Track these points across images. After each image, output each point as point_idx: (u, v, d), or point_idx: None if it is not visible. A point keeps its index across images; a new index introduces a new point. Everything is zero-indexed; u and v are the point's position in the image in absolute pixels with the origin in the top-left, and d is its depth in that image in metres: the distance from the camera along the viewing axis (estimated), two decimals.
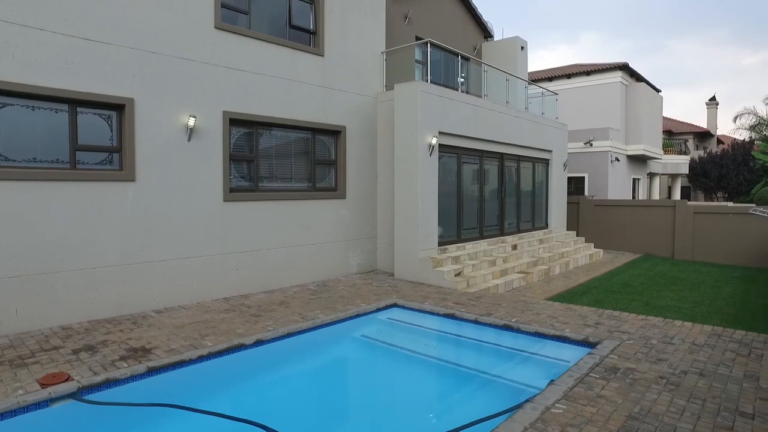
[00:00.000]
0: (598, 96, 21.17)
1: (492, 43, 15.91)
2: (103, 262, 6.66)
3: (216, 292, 7.89)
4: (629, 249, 14.75)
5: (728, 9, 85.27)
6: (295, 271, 9.05)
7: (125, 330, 6.14)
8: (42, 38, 6.06)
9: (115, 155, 6.90)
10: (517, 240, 11.87)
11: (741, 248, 12.82)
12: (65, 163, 6.46)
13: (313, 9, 9.57)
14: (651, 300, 8.65)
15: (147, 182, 7.05)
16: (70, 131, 6.49)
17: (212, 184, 7.85)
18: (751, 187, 25.82)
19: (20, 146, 6.11)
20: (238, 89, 8.15)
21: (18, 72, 5.90)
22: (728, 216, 13.19)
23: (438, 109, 9.72)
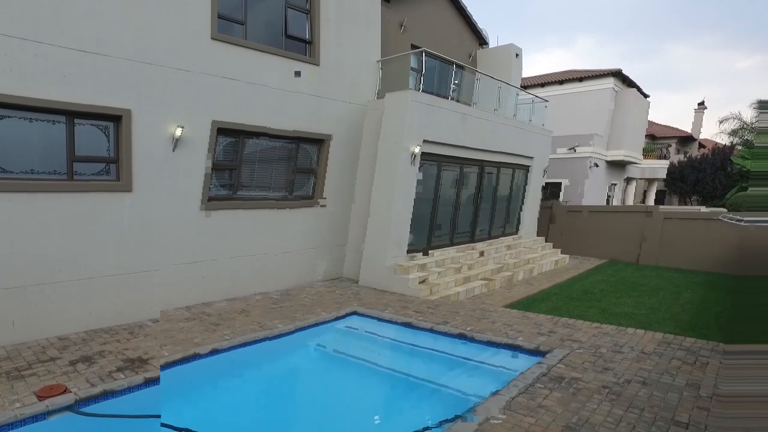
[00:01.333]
0: (589, 102, 20.93)
1: (487, 50, 15.86)
2: (100, 272, 6.73)
3: (177, 301, 7.88)
4: (596, 255, 14.87)
5: (722, 13, 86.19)
6: (261, 280, 9.07)
7: (122, 340, 6.23)
8: (40, 50, 6.03)
9: (112, 166, 6.92)
10: (486, 246, 11.99)
11: (707, 254, 12.90)
12: (62, 174, 6.48)
13: (308, 19, 9.48)
14: (608, 307, 8.82)
15: (144, 192, 7.10)
16: (68, 142, 6.51)
17: (192, 194, 7.84)
18: (726, 192, 26.20)
19: (18, 158, 6.14)
20: (232, 99, 8.10)
21: (16, 84, 5.88)
22: (697, 221, 13.33)
23: (426, 118, 9.63)
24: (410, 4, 12.74)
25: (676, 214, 14.09)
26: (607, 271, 12.61)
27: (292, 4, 9.25)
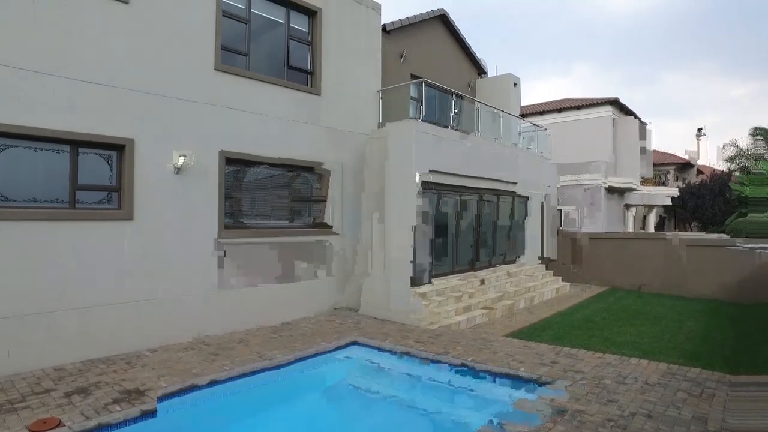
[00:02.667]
0: (589, 129, 21.20)
1: (486, 79, 16.20)
2: (98, 301, 6.68)
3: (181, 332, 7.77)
4: (597, 282, 14.74)
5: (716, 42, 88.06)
6: (264, 310, 8.86)
7: (119, 370, 6.11)
8: (47, 82, 6.20)
9: (114, 194, 6.98)
10: (487, 274, 11.92)
11: (709, 281, 12.79)
12: (65, 202, 6.53)
13: (310, 50, 9.75)
14: (611, 336, 8.70)
15: (145, 221, 7.11)
16: (71, 171, 6.60)
17: (207, 222, 7.87)
18: (725, 218, 26.20)
19: (21, 186, 6.21)
20: (236, 129, 8.24)
21: (23, 115, 6.02)
22: (703, 249, 13.14)
23: (428, 147, 9.71)
24: (410, 35, 13.07)
25: (686, 241, 13.88)
26: (608, 299, 12.49)
27: (294, 36, 9.52)
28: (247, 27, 8.74)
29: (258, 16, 8.97)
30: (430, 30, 13.98)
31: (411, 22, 12.99)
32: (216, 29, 8.02)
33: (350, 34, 10.40)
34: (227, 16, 8.35)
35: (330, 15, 9.96)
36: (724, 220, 25.99)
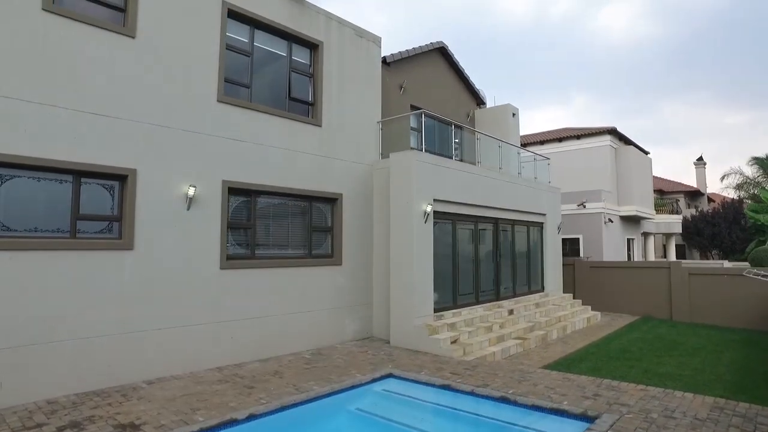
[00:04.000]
0: (589, 158, 21.63)
1: (485, 110, 16.48)
2: (97, 331, 6.57)
3: (209, 362, 7.72)
4: (627, 311, 14.55)
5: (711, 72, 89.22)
6: (290, 339, 8.90)
7: (114, 403, 5.95)
8: (53, 113, 6.34)
9: (115, 224, 6.99)
10: (514, 304, 11.74)
11: (739, 310, 12.65)
12: (65, 232, 6.54)
13: (311, 82, 10.03)
14: (650, 367, 8.43)
15: (145, 250, 7.09)
16: (73, 201, 6.63)
17: (209, 252, 7.89)
18: (745, 246, 25.84)
19: (22, 216, 6.23)
20: (238, 159, 8.38)
21: (28, 146, 6.12)
22: (723, 277, 13.12)
23: (432, 177, 9.93)
24: (409, 67, 13.43)
25: (700, 270, 13.81)
26: (641, 328, 12.21)
27: (296, 68, 9.82)
28: (250, 59, 9.04)
29: (260, 49, 9.29)
30: (430, 62, 14.45)
31: (411, 54, 13.49)
32: (219, 62, 8.29)
33: (351, 66, 10.73)
34: (231, 49, 8.65)
35: (331, 48, 10.29)
36: (744, 248, 25.63)
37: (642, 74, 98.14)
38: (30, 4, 6.23)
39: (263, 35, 9.27)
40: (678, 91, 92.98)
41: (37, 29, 6.27)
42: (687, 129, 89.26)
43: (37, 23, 6.27)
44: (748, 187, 28.50)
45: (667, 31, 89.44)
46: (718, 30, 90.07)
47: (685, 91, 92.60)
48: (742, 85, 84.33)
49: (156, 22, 7.46)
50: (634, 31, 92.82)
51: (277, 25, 9.24)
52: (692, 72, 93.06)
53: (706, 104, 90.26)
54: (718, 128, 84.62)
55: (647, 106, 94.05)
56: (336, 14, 10.49)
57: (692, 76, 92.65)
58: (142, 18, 7.29)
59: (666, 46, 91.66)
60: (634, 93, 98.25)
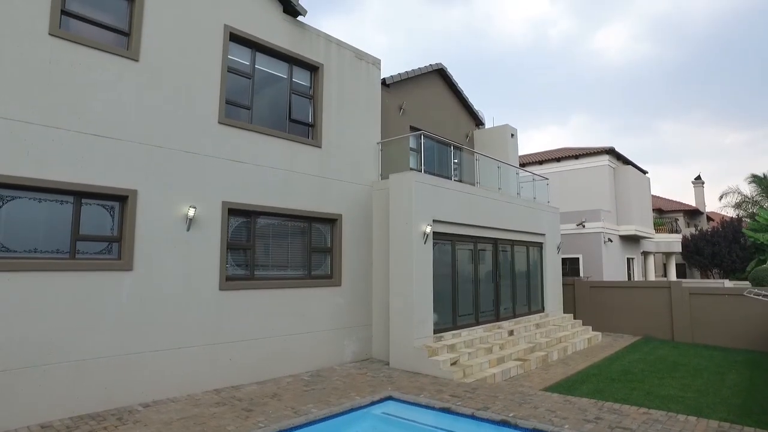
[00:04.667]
0: (588, 178, 21.72)
1: (483, 130, 16.60)
2: (93, 353, 6.51)
3: (207, 384, 7.63)
4: (628, 331, 14.41)
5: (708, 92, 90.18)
6: (289, 361, 8.81)
7: (109, 427, 5.85)
8: (56, 136, 6.40)
9: (115, 244, 6.99)
10: (514, 325, 11.65)
11: (742, 330, 12.53)
12: (65, 253, 6.54)
13: (312, 103, 10.13)
14: (653, 389, 8.30)
15: (144, 271, 7.08)
16: (73, 222, 6.65)
17: (209, 273, 7.86)
18: (745, 265, 25.77)
19: (22, 237, 6.24)
20: (238, 180, 8.43)
21: (31, 167, 6.16)
22: (725, 297, 13.03)
23: (432, 198, 9.96)
24: (409, 88, 13.60)
25: (701, 290, 13.73)
26: (643, 349, 12.08)
27: (296, 90, 9.94)
28: (251, 82, 9.15)
29: (261, 71, 9.42)
30: (429, 83, 14.62)
31: (410, 75, 13.65)
32: (221, 84, 8.40)
33: (351, 88, 10.86)
34: (232, 71, 8.77)
35: (331, 70, 10.42)
36: (745, 267, 25.54)
37: (639, 94, 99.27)
38: (37, 29, 6.35)
39: (264, 58, 9.41)
40: (675, 111, 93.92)
41: (43, 53, 6.38)
42: (685, 148, 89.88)
43: (44, 47, 6.39)
44: (747, 205, 28.57)
45: (664, 51, 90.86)
46: (713, 50, 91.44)
47: (682, 110, 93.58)
48: (739, 105, 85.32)
49: (159, 46, 7.58)
50: (631, 52, 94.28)
51: (278, 48, 9.38)
52: (689, 92, 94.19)
53: (703, 123, 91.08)
54: (716, 147, 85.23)
55: (645, 125, 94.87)
56: (336, 37, 10.66)
57: (689, 96, 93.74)
58: (145, 42, 7.41)
59: (662, 66, 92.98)
60: (632, 112, 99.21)
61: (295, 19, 9.75)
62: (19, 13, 6.22)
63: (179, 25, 7.88)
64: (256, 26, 9.03)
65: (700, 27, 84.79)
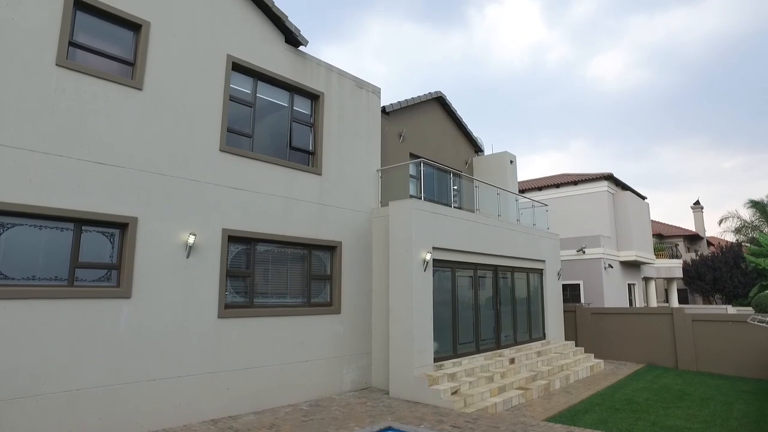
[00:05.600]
0: (587, 204, 21.75)
1: (483, 157, 16.71)
2: (88, 383, 6.38)
3: (204, 414, 7.46)
4: (631, 358, 14.18)
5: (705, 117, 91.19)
6: (287, 390, 8.65)
7: None
8: (59, 163, 6.44)
9: (114, 272, 6.95)
10: (515, 353, 11.47)
11: (748, 358, 12.28)
12: (63, 280, 6.49)
13: (312, 131, 10.23)
14: (658, 419, 8.10)
15: (142, 299, 7.02)
16: (73, 249, 6.62)
17: (208, 301, 7.79)
18: (747, 290, 25.57)
19: (21, 264, 6.20)
20: (239, 207, 8.43)
21: (33, 195, 6.18)
22: (728, 324, 12.85)
23: (432, 226, 9.95)
24: (408, 116, 13.77)
25: (704, 317, 13.59)
26: (646, 377, 11.85)
27: (297, 118, 10.06)
28: (252, 110, 9.25)
29: (263, 100, 9.57)
30: (428, 111, 14.81)
31: (409, 103, 13.83)
32: (223, 112, 8.50)
33: (351, 116, 11.00)
34: (234, 100, 8.90)
35: (332, 99, 10.58)
36: (747, 293, 25.33)
37: (638, 119, 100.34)
38: (45, 60, 6.47)
39: (266, 86, 9.55)
40: (673, 136, 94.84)
41: (49, 82, 6.48)
42: (683, 173, 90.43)
43: (51, 77, 6.49)
44: (747, 230, 28.55)
45: (660, 78, 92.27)
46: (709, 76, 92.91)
47: (680, 135, 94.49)
48: (735, 130, 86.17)
49: (163, 75, 7.71)
50: (628, 78, 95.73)
51: (280, 77, 9.53)
52: (687, 117, 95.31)
53: (701, 148, 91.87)
54: (714, 172, 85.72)
55: (644, 150, 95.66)
56: (337, 66, 10.83)
57: (687, 121, 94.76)
58: (149, 71, 7.54)
59: (660, 92, 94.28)
60: (631, 137, 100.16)
61: (297, 49, 9.94)
62: (28, 44, 6.35)
63: (183, 54, 8.03)
64: (259, 56, 9.20)
65: (695, 53, 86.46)
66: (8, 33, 6.21)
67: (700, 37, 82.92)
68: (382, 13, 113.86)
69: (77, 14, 6.98)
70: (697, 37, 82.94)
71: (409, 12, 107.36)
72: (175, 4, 8.01)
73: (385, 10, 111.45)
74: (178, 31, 7.99)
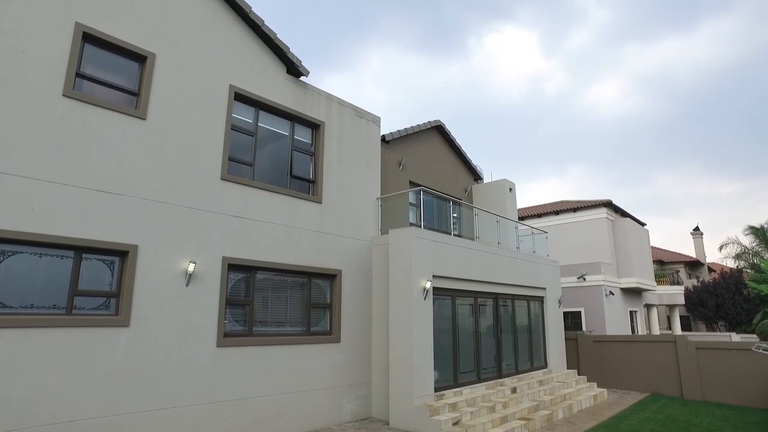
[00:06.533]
0: (587, 231, 21.77)
1: (482, 185, 16.80)
2: (84, 414, 6.26)
3: None
4: (634, 387, 13.92)
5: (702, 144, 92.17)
6: (286, 420, 8.47)
7: None
8: (61, 191, 6.48)
9: (113, 300, 6.91)
10: (517, 382, 11.29)
11: (755, 388, 12.02)
12: (62, 308, 6.44)
13: (313, 160, 10.33)
14: None
15: (141, 327, 6.95)
16: (72, 277, 6.60)
17: (206, 329, 7.72)
18: (751, 317, 25.33)
19: (20, 292, 6.16)
20: (239, 235, 8.44)
21: (34, 223, 6.20)
22: (732, 352, 12.67)
23: (432, 254, 9.93)
24: (408, 144, 13.95)
25: (708, 344, 13.44)
26: (651, 407, 11.61)
27: (298, 147, 10.18)
28: (254, 139, 9.38)
29: (264, 129, 9.69)
30: (428, 139, 14.98)
31: (409, 132, 13.99)
32: (225, 141, 8.61)
33: (351, 144, 11.13)
34: (236, 129, 9.03)
35: (332, 128, 10.72)
36: (751, 320, 25.10)
37: (635, 146, 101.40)
38: (52, 91, 6.59)
39: (267, 116, 9.69)
40: (670, 162, 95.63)
41: (55, 113, 6.59)
42: (682, 199, 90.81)
43: (57, 107, 6.61)
44: (747, 256, 28.48)
45: (656, 105, 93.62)
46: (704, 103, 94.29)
47: (678, 161, 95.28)
48: (731, 156, 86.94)
49: (167, 105, 7.84)
50: (624, 106, 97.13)
51: (281, 106, 9.69)
52: (684, 143, 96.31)
53: (699, 174, 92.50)
54: (713, 198, 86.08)
55: (642, 176, 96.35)
56: (337, 95, 11.03)
57: (684, 147, 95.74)
58: (153, 101, 7.68)
59: (655, 119, 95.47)
60: (628, 164, 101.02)
61: (298, 79, 10.14)
62: (37, 76, 6.49)
63: (187, 85, 8.18)
64: (261, 86, 9.37)
65: (688, 81, 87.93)
66: (19, 65, 6.35)
67: (692, 65, 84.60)
68: (382, 43, 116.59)
69: (85, 46, 7.16)
70: (690, 65, 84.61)
71: (409, 41, 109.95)
72: (181, 37, 8.23)
73: (385, 40, 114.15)
74: (182, 62, 8.17)
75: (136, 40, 7.62)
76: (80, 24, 7.00)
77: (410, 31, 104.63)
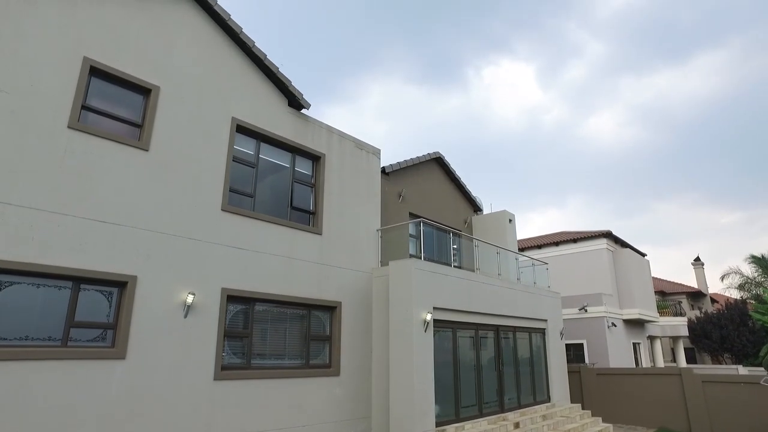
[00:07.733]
0: (587, 262, 21.68)
1: (482, 216, 16.84)
2: None
3: None
4: (641, 422, 13.59)
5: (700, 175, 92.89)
6: None
7: None
8: (62, 221, 6.49)
9: (109, 331, 6.81)
10: (519, 417, 11.02)
11: (765, 423, 11.76)
12: (57, 340, 6.34)
13: (313, 191, 10.38)
14: None
15: (137, 360, 6.82)
16: (69, 308, 6.53)
17: (204, 362, 7.58)
18: (757, 349, 24.94)
19: (15, 323, 6.08)
20: (239, 267, 8.40)
21: (34, 253, 6.18)
22: (740, 386, 12.43)
23: (432, 286, 9.86)
24: (408, 176, 14.05)
25: (714, 378, 13.20)
26: None
27: (298, 179, 10.25)
28: (255, 170, 9.45)
29: (265, 160, 9.78)
30: (427, 171, 15.08)
31: (409, 164, 14.11)
32: (226, 173, 8.67)
33: (351, 176, 11.21)
34: (237, 161, 9.11)
35: (333, 160, 10.83)
36: (757, 352, 24.73)
37: (634, 176, 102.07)
38: (57, 123, 6.69)
39: (268, 148, 9.80)
40: (668, 193, 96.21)
41: (60, 144, 6.66)
42: (682, 229, 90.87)
43: (61, 139, 6.69)
44: (750, 286, 28.24)
45: (654, 136, 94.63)
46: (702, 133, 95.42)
47: (675, 192, 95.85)
48: (730, 187, 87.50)
49: (169, 137, 7.94)
50: (622, 137, 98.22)
51: (282, 139, 9.81)
52: (683, 173, 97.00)
53: (697, 205, 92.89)
54: (714, 227, 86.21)
55: (642, 206, 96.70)
56: (337, 127, 11.18)
57: (683, 177, 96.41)
58: (156, 133, 7.78)
59: (652, 150, 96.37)
60: (628, 194, 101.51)
61: (299, 112, 10.31)
62: (44, 109, 6.60)
63: (189, 117, 8.30)
64: (262, 119, 9.51)
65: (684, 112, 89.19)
66: (26, 98, 6.47)
67: (686, 95, 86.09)
68: (382, 76, 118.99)
69: (92, 80, 7.30)
70: (684, 94, 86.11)
71: (409, 74, 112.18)
72: (185, 71, 8.40)
73: (385, 72, 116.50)
74: (185, 95, 8.33)
75: (141, 74, 7.78)
76: (88, 58, 7.16)
77: (410, 63, 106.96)
